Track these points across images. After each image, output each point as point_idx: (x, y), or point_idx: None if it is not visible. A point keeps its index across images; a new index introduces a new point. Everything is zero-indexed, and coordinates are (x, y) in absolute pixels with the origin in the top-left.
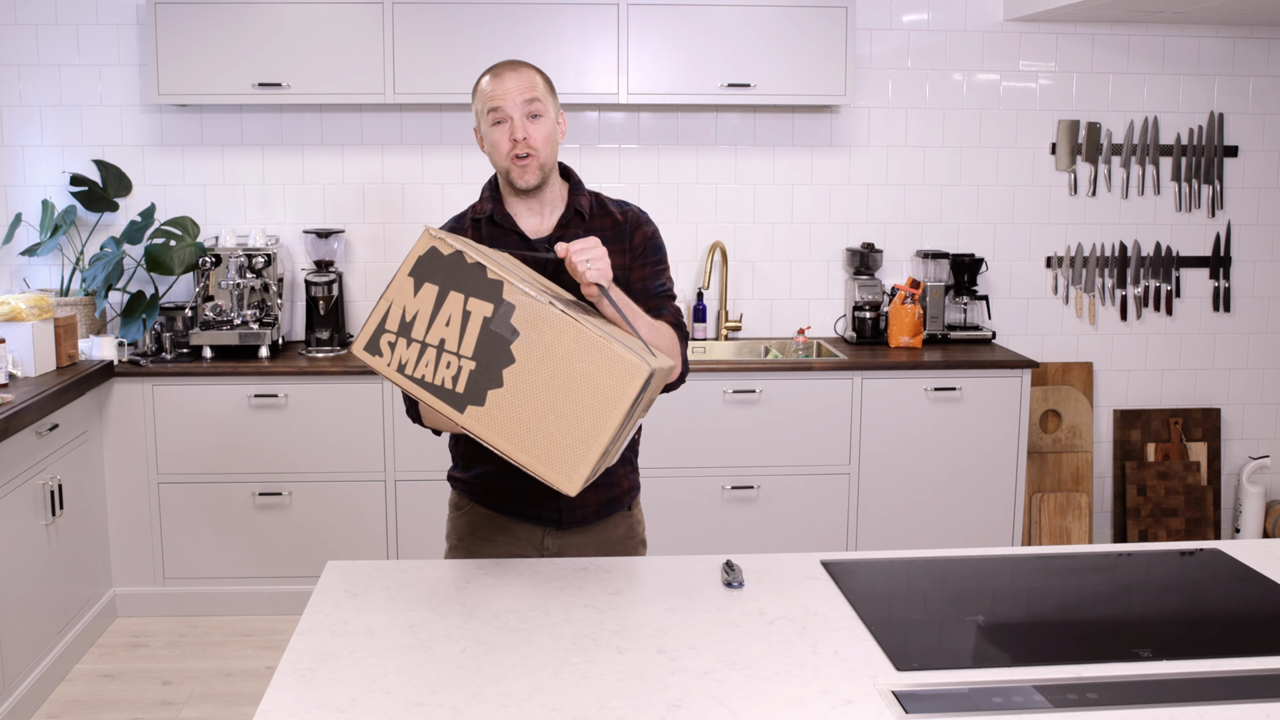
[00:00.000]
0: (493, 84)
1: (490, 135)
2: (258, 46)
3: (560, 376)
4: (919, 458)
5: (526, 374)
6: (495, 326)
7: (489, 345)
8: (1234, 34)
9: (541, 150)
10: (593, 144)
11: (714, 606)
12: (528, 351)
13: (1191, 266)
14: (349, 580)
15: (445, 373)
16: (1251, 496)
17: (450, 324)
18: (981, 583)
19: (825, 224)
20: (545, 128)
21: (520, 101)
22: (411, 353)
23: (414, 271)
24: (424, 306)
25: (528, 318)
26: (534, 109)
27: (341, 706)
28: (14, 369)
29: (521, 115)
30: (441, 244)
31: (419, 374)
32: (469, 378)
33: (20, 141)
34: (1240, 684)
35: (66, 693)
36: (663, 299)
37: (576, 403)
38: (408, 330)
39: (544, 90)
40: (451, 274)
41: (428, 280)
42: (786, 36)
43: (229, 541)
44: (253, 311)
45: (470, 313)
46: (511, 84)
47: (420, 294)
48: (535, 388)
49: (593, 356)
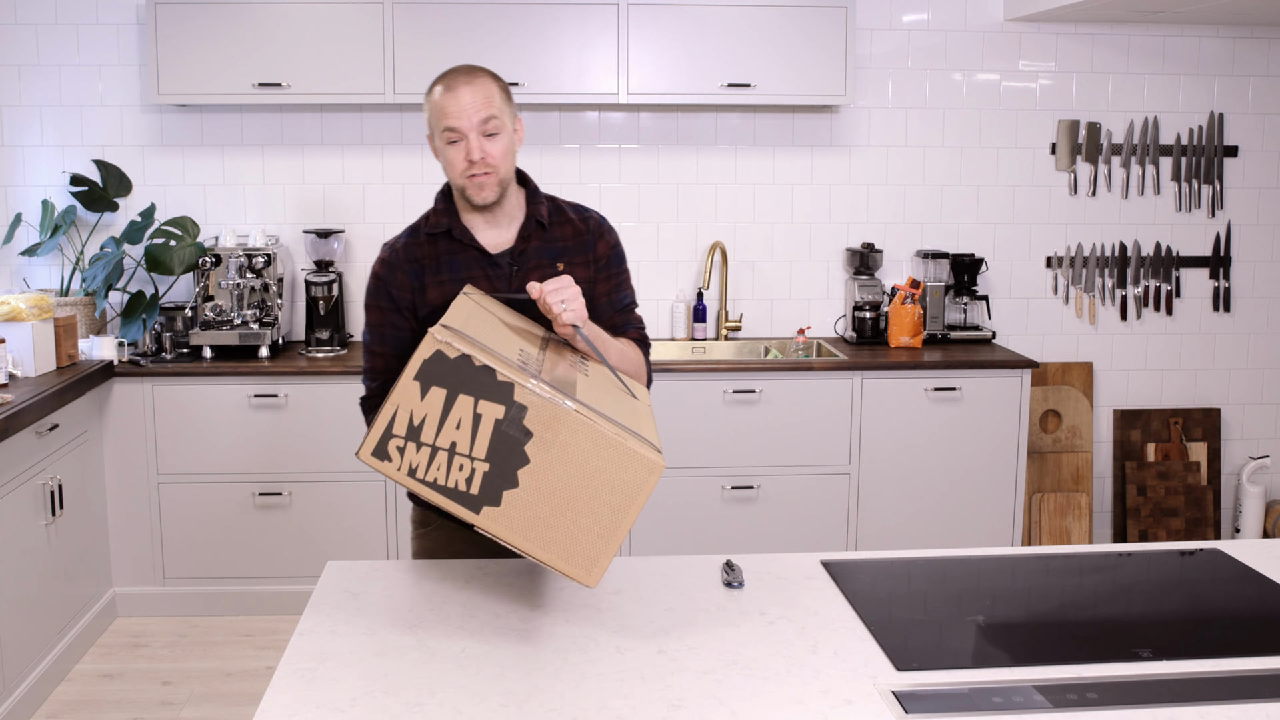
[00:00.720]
0: (446, 99)
1: (445, 153)
2: (258, 46)
3: (577, 475)
4: (919, 458)
5: (542, 473)
6: (508, 428)
7: (502, 447)
8: (1234, 34)
9: (500, 167)
10: (593, 144)
11: (714, 606)
12: (543, 451)
13: (1191, 266)
14: (349, 580)
15: (458, 475)
16: (1251, 496)
17: (461, 427)
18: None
19: (825, 224)
20: (503, 143)
21: (476, 121)
22: (422, 456)
23: (420, 375)
24: (432, 410)
25: (541, 418)
26: (490, 127)
27: (341, 706)
28: (14, 369)
29: (478, 134)
30: (448, 348)
31: (430, 477)
32: (483, 479)
33: (20, 141)
34: (1240, 684)
35: (66, 693)
36: (627, 314)
37: (594, 499)
38: (416, 434)
39: (500, 102)
40: (459, 377)
41: (435, 384)
42: (786, 36)
43: (229, 541)
44: (253, 311)
45: (481, 415)
46: (467, 100)
47: (428, 397)
48: (552, 486)
49: (609, 454)
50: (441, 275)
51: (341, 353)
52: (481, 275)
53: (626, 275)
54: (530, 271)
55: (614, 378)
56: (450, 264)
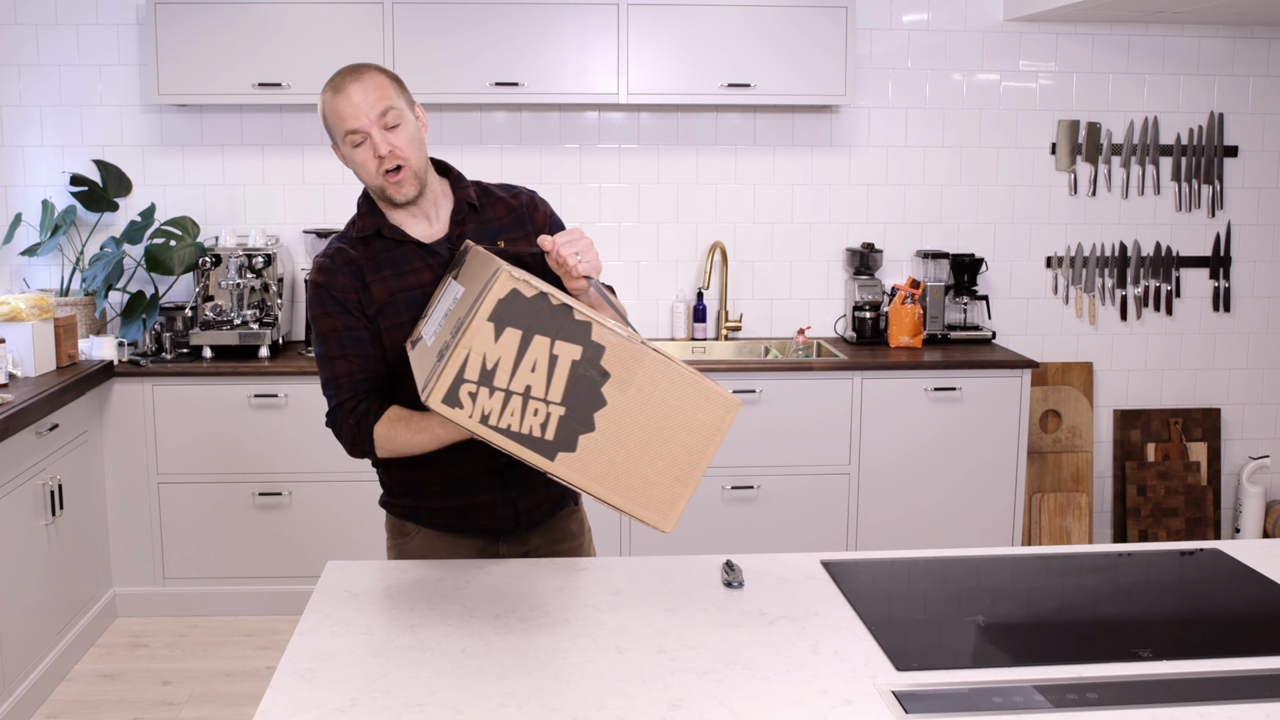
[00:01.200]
0: (338, 102)
1: (354, 157)
2: (258, 46)
3: (655, 416)
4: (919, 458)
5: (619, 415)
6: (585, 369)
7: (579, 389)
8: (1234, 34)
9: (411, 157)
10: (593, 144)
11: (714, 606)
12: (620, 393)
13: (1191, 266)
14: (349, 580)
15: (533, 420)
16: (1251, 496)
17: (536, 370)
18: (981, 583)
19: (825, 224)
20: (406, 133)
21: (374, 116)
22: (495, 402)
23: (494, 316)
24: (506, 352)
25: (619, 358)
26: (390, 119)
27: (341, 706)
28: (14, 369)
29: (379, 129)
30: (525, 285)
31: (504, 424)
32: (559, 424)
33: (20, 141)
34: (1240, 684)
35: (66, 693)
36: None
37: (671, 440)
38: (490, 378)
39: (394, 93)
40: (535, 317)
41: (510, 324)
42: (786, 36)
43: (229, 541)
44: (253, 311)
45: (557, 356)
46: (358, 98)
47: (502, 339)
48: (629, 429)
49: (687, 393)
50: (383, 272)
51: None
52: (423, 267)
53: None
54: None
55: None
56: (389, 260)
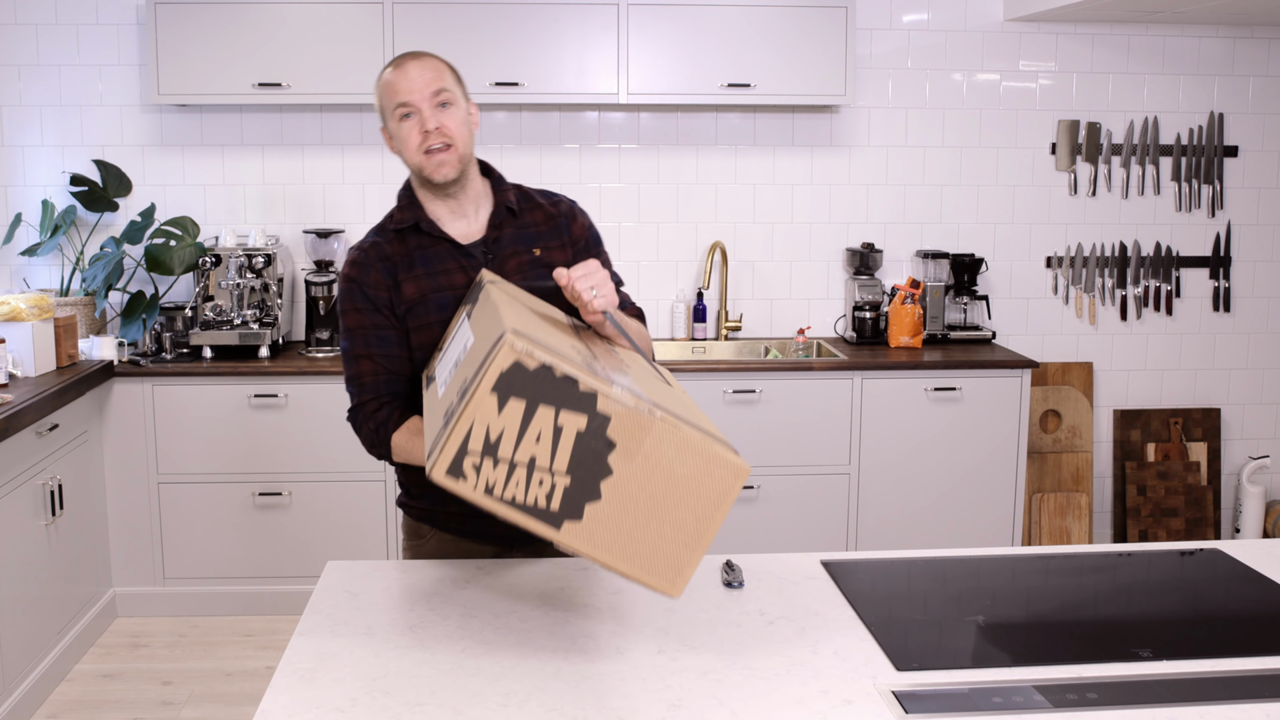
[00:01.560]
0: (395, 75)
1: (399, 131)
2: (258, 46)
3: (662, 483)
4: (919, 458)
5: (626, 483)
6: (590, 440)
7: (585, 459)
8: (1234, 34)
9: (457, 140)
10: (593, 144)
11: (714, 606)
12: (627, 461)
13: (1191, 266)
14: (349, 580)
15: (538, 491)
16: (1251, 496)
17: (541, 440)
18: (981, 583)
19: (825, 224)
20: (458, 115)
21: (428, 94)
22: (500, 473)
23: (497, 387)
24: (510, 423)
25: (625, 427)
26: (443, 98)
27: (341, 706)
28: (14, 369)
29: (430, 106)
30: (527, 357)
31: (509, 495)
32: (564, 494)
33: (20, 141)
34: (1240, 684)
35: (66, 693)
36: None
37: (679, 507)
38: (494, 450)
39: (451, 79)
40: (539, 388)
41: (513, 396)
42: (786, 36)
43: (229, 541)
44: (253, 311)
45: (562, 427)
46: (415, 74)
47: (506, 410)
48: (635, 496)
49: (695, 461)
50: (415, 270)
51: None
52: (456, 268)
53: (607, 255)
54: (506, 259)
55: (650, 366)
56: (423, 259)
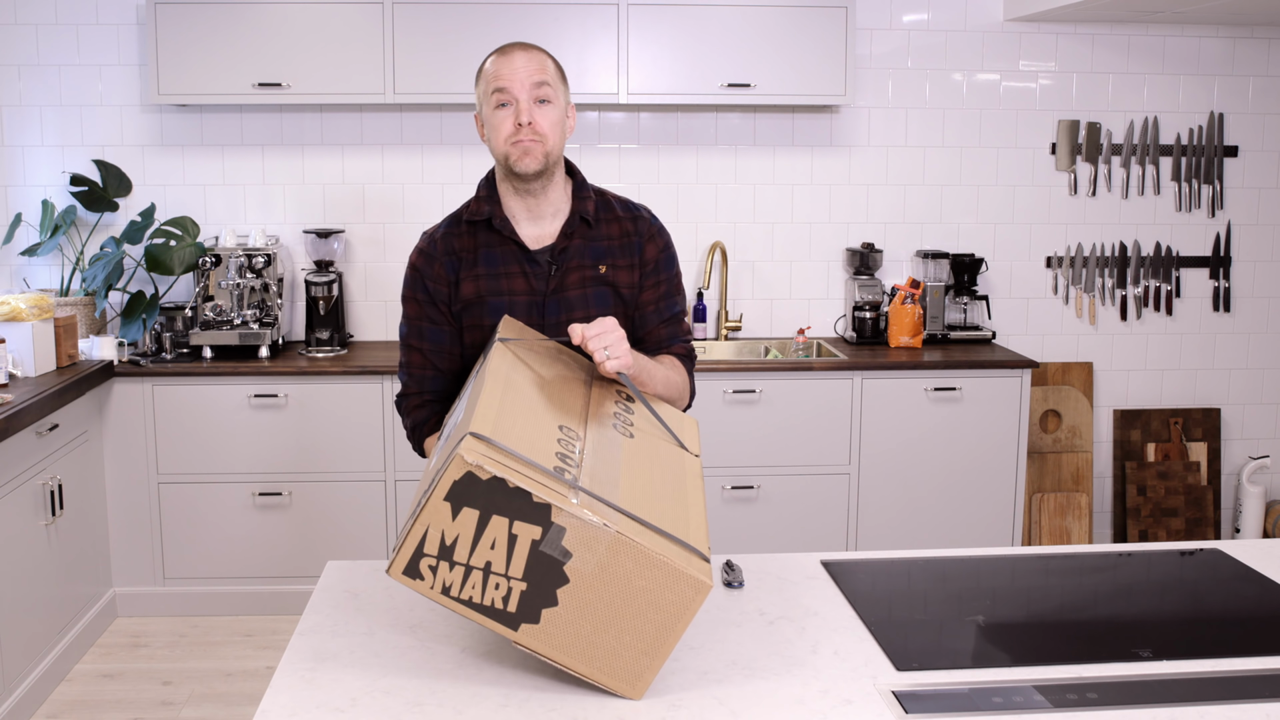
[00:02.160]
0: (499, 63)
1: (492, 118)
2: (258, 46)
3: (620, 593)
4: (919, 458)
5: (583, 591)
6: (546, 549)
7: (540, 566)
8: (1234, 34)
9: (549, 137)
10: (593, 144)
11: (714, 606)
12: (582, 570)
13: (1191, 266)
14: (349, 580)
15: (495, 594)
16: (1251, 496)
17: (496, 547)
18: (981, 583)
19: (825, 224)
20: (554, 114)
21: (529, 84)
22: (456, 575)
23: (450, 496)
24: (465, 530)
25: (580, 539)
26: (543, 93)
27: (341, 706)
28: (14, 369)
29: (529, 98)
30: (478, 470)
31: (465, 596)
32: (521, 598)
33: (20, 141)
34: (1240, 684)
35: (66, 693)
36: (675, 324)
37: (638, 617)
38: (449, 554)
39: (555, 75)
40: (492, 498)
41: (466, 505)
42: (786, 36)
43: (229, 541)
44: (253, 311)
45: (517, 536)
46: (521, 64)
47: (460, 518)
48: (593, 605)
49: (655, 574)
50: (478, 269)
51: (341, 353)
52: (519, 273)
53: (677, 281)
54: (570, 272)
55: (662, 430)
56: (488, 257)
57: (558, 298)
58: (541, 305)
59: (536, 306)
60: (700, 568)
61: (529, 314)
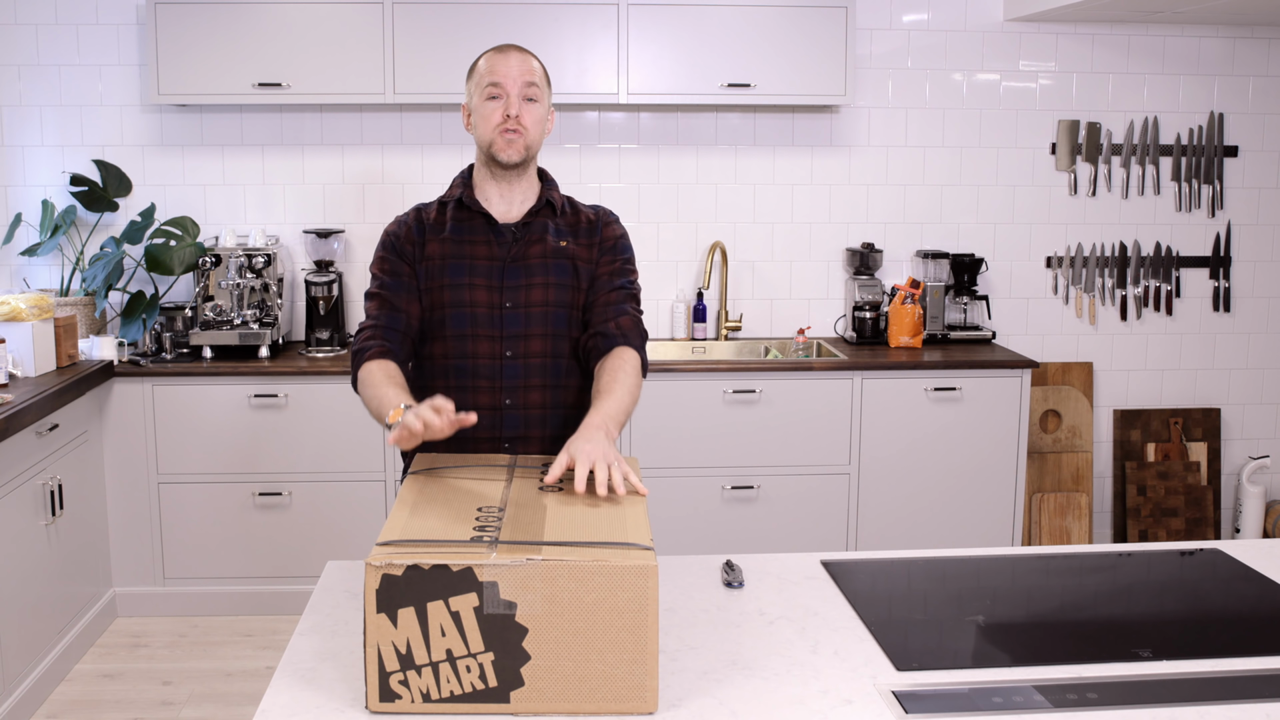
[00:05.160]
0: (495, 60)
1: (482, 109)
2: (258, 46)
3: (578, 617)
4: (919, 458)
5: (545, 633)
6: (489, 609)
7: (495, 629)
8: (1234, 34)
9: (531, 130)
10: (593, 144)
11: (714, 606)
12: (534, 613)
13: (1191, 266)
14: (349, 580)
15: (470, 676)
16: (1251, 496)
17: (447, 633)
18: (981, 583)
19: (825, 224)
20: (538, 112)
21: (520, 83)
22: (428, 677)
23: (381, 607)
24: (411, 631)
25: (515, 585)
26: (531, 93)
27: (341, 707)
28: (14, 369)
29: (518, 95)
30: (389, 568)
31: (446, 692)
32: (495, 668)
33: (20, 141)
34: (1240, 684)
35: (66, 693)
36: (624, 295)
37: (608, 630)
38: (410, 661)
39: (542, 79)
40: (417, 588)
41: (399, 607)
42: (786, 36)
43: (229, 541)
44: (253, 311)
45: (459, 611)
46: (515, 63)
47: (401, 623)
48: (561, 641)
49: (598, 582)
50: (444, 234)
51: (341, 353)
52: (483, 240)
53: (633, 266)
54: (533, 244)
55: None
56: (456, 227)
57: (518, 265)
58: (501, 270)
59: (496, 270)
60: (639, 555)
61: (489, 277)
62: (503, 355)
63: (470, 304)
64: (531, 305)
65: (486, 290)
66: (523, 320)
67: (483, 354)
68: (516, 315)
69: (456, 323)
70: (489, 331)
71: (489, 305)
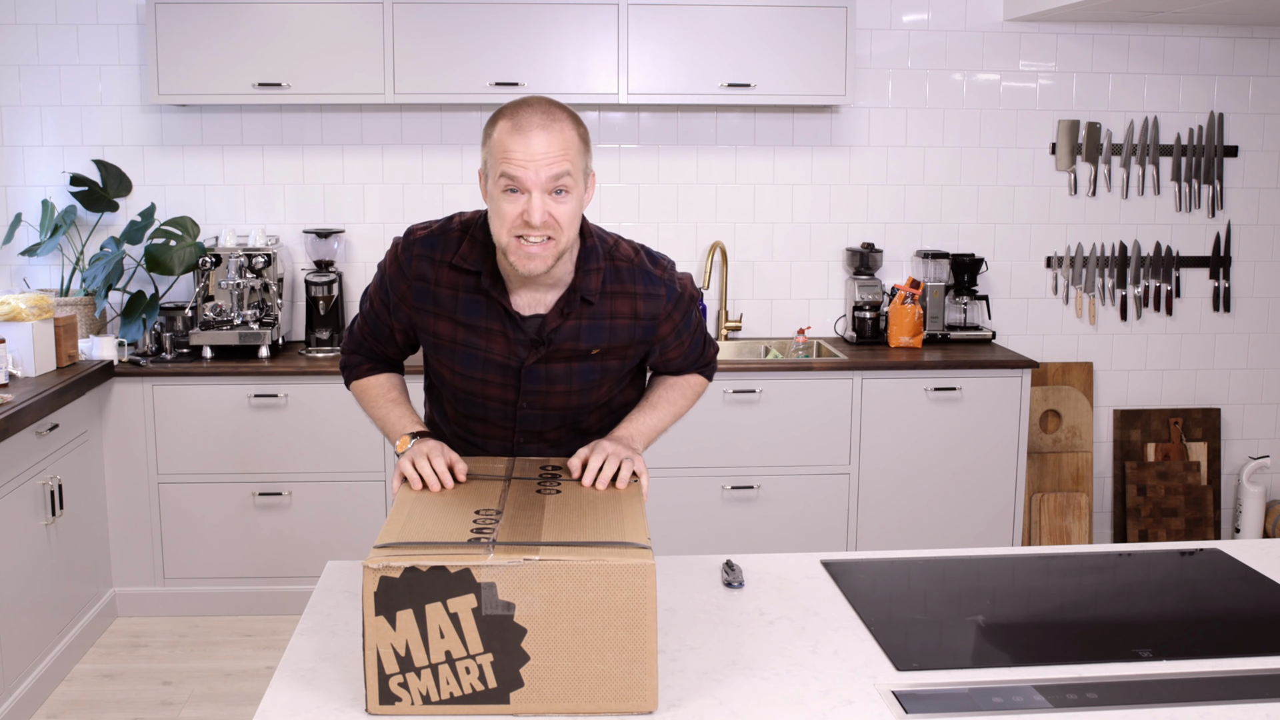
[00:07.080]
0: (514, 141)
1: (498, 203)
2: (258, 46)
3: (578, 618)
4: (919, 458)
5: (544, 633)
6: (488, 610)
7: (494, 630)
8: (1234, 34)
9: (563, 234)
10: (592, 144)
11: (714, 606)
12: (532, 613)
13: (1191, 266)
14: (349, 580)
15: (469, 678)
16: (1251, 496)
17: (446, 635)
18: (981, 583)
19: (825, 224)
20: (571, 206)
21: (546, 177)
22: (427, 679)
23: (380, 609)
24: (410, 634)
25: (513, 585)
26: (562, 184)
27: (341, 707)
28: (14, 369)
29: (543, 192)
30: (387, 570)
31: (446, 694)
32: (494, 669)
33: (20, 141)
34: (1240, 684)
35: (66, 693)
36: (700, 354)
37: (606, 630)
38: (409, 663)
39: (577, 153)
40: (416, 590)
41: (397, 609)
42: (786, 36)
43: (229, 541)
44: (253, 311)
45: (457, 613)
46: (540, 149)
47: (400, 625)
48: (560, 640)
49: (596, 582)
50: (457, 315)
51: None
52: (500, 332)
53: (699, 329)
54: (558, 351)
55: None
56: (469, 305)
57: (538, 369)
58: (518, 371)
59: (512, 371)
60: (636, 554)
61: (503, 375)
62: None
63: (483, 396)
64: (550, 408)
65: (500, 388)
66: (539, 420)
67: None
68: (532, 416)
69: (467, 404)
70: (501, 422)
71: (501, 400)
